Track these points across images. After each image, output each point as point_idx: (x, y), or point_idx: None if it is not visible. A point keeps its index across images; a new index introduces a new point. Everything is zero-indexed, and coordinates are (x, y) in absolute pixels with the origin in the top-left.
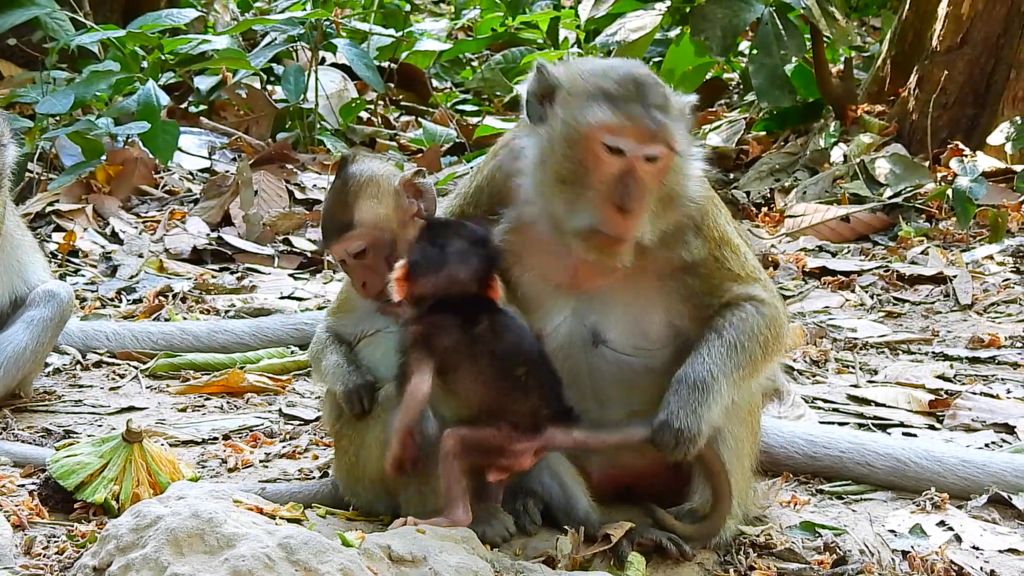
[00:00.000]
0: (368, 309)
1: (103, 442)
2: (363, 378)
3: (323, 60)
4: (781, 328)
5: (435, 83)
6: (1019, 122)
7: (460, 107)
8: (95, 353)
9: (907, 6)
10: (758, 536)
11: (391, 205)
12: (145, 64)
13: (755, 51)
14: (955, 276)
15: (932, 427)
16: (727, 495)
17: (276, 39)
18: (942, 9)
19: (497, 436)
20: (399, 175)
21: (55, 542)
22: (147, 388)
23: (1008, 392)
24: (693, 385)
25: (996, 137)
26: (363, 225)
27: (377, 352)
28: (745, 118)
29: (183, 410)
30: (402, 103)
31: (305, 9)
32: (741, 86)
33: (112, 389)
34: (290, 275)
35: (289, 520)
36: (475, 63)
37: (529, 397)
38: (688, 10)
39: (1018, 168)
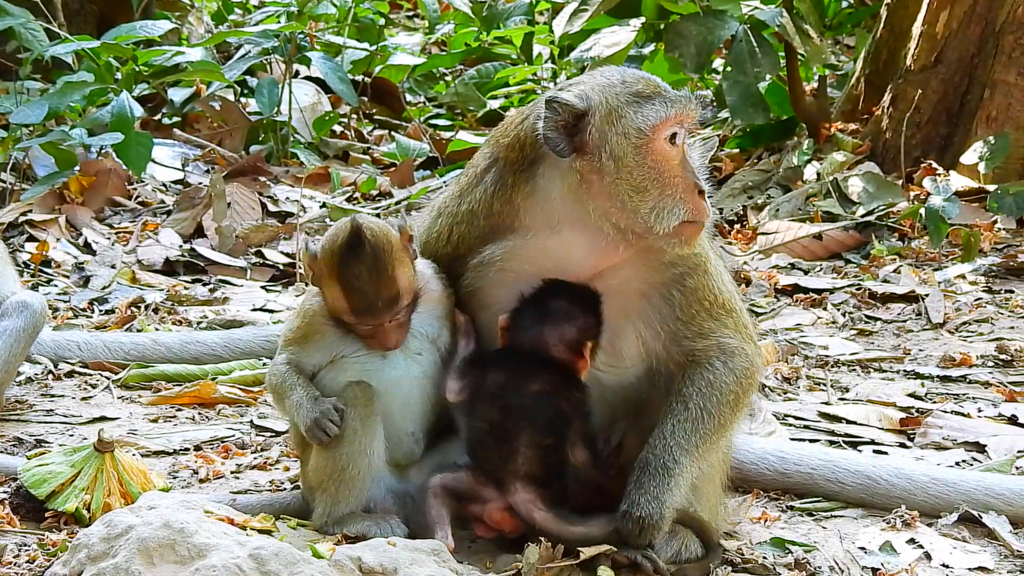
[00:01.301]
0: (333, 336)
1: (75, 451)
2: (324, 406)
3: (297, 73)
4: (754, 375)
5: (409, 97)
6: (992, 142)
7: (433, 121)
8: (67, 363)
9: (882, 25)
10: (728, 554)
11: (408, 261)
12: (119, 75)
13: (729, 68)
14: (927, 295)
15: (903, 445)
16: (716, 544)
17: (250, 52)
18: (916, 28)
19: (471, 483)
20: (395, 229)
21: (26, 551)
22: (119, 398)
23: (979, 411)
24: (655, 471)
25: (969, 156)
26: (406, 291)
27: (340, 377)
28: (718, 135)
29: (155, 421)
30: (375, 117)
31: (279, 22)
32: (715, 103)
33: (84, 399)
34: (262, 287)
35: (260, 531)
36: (448, 78)
37: (519, 462)
38: (663, 27)
39: (991, 188)
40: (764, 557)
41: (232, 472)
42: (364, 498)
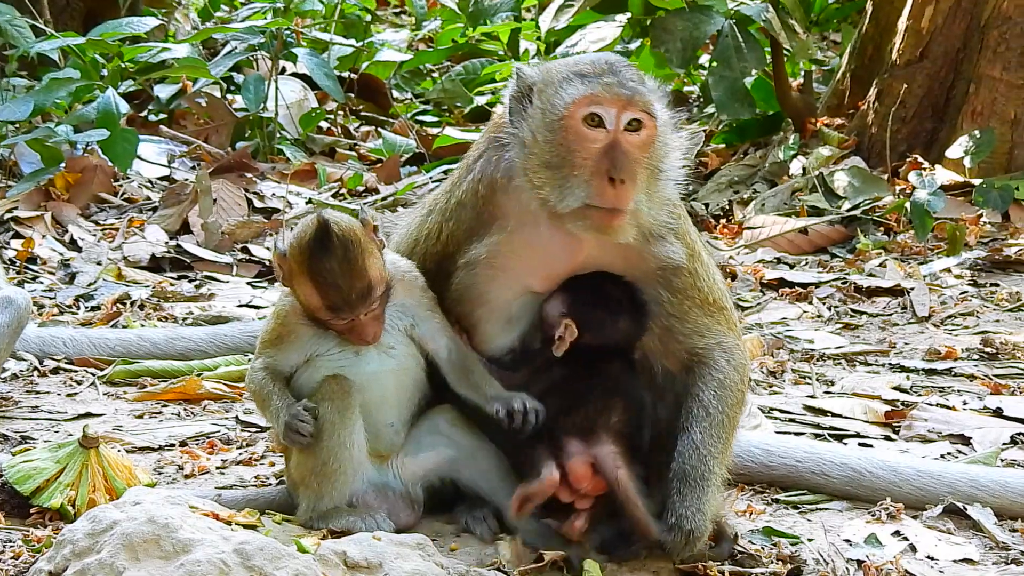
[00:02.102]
0: (308, 336)
1: (60, 447)
2: (293, 409)
3: (283, 70)
4: (748, 372)
5: (395, 94)
6: (978, 136)
7: (420, 118)
8: (52, 359)
9: (867, 20)
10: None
11: (376, 252)
12: (105, 72)
13: (715, 64)
14: (912, 288)
15: (888, 438)
16: (730, 536)
17: (236, 48)
18: (902, 23)
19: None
20: (360, 222)
21: (11, 547)
22: (104, 395)
23: (964, 404)
24: (695, 482)
25: (955, 151)
26: (377, 282)
27: (316, 376)
28: (704, 130)
29: (140, 416)
30: (362, 113)
31: (266, 18)
32: (701, 99)
33: (69, 395)
34: (248, 283)
35: (245, 526)
36: (435, 74)
37: (612, 418)
38: (648, 22)
39: (976, 182)
40: (752, 546)
41: (217, 468)
42: (347, 492)
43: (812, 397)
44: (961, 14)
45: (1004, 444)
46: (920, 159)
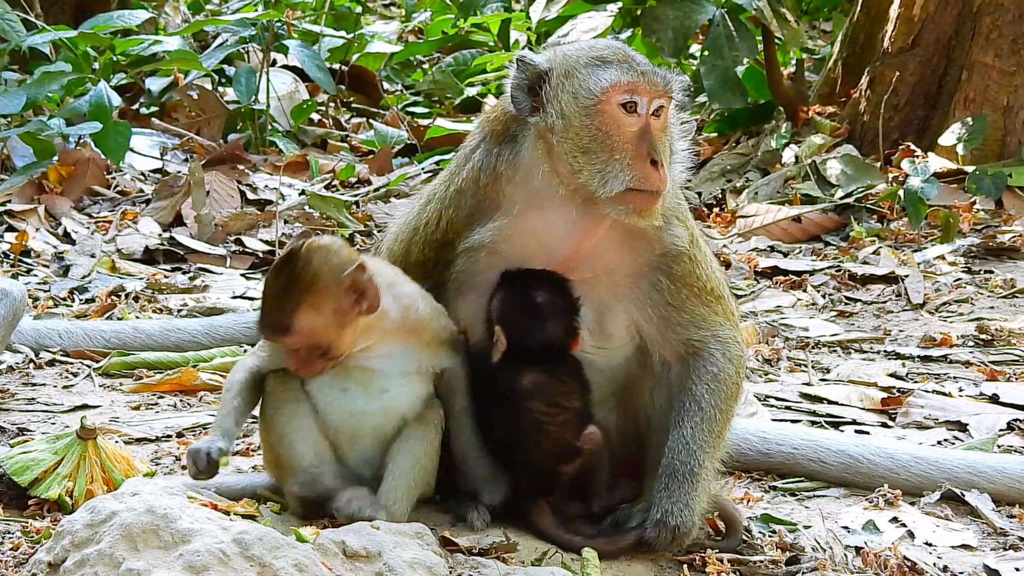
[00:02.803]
0: None
1: (57, 439)
2: (204, 444)
3: (274, 62)
4: (744, 362)
5: (386, 86)
6: (970, 123)
7: (411, 109)
8: (48, 351)
9: (858, 8)
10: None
11: (331, 310)
12: (97, 65)
13: (706, 53)
14: (907, 276)
15: (885, 425)
16: (740, 528)
17: (227, 40)
18: (893, 11)
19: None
20: (345, 272)
21: (10, 538)
22: (100, 386)
23: (960, 390)
24: (683, 478)
25: (947, 138)
26: (299, 333)
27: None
28: (696, 120)
29: (136, 408)
30: (353, 105)
31: (257, 10)
32: (692, 88)
33: (65, 387)
34: (242, 275)
35: (244, 516)
36: (426, 66)
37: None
38: (639, 12)
39: (969, 169)
40: (750, 533)
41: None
42: (302, 480)
43: (808, 384)
44: (953, 1)
45: (1001, 430)
46: (913, 147)
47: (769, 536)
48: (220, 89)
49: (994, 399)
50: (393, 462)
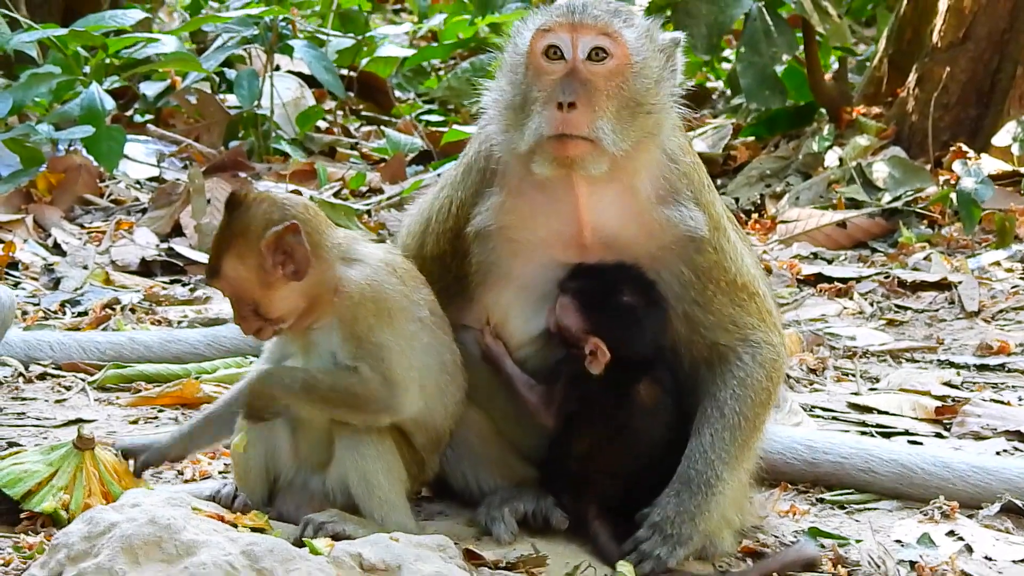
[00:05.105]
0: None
1: (52, 450)
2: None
3: (278, 67)
4: (781, 368)
5: (397, 94)
6: None
7: (424, 117)
8: (39, 364)
9: (905, 2)
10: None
11: (254, 265)
12: (88, 68)
13: (743, 49)
14: (960, 282)
15: (939, 435)
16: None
17: (229, 41)
18: (943, 3)
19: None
20: (273, 229)
21: (1, 554)
22: (95, 400)
23: (1020, 399)
24: (697, 488)
25: (1002, 138)
26: (225, 280)
27: None
28: (732, 123)
29: (135, 422)
30: (362, 113)
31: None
32: (728, 92)
33: (58, 401)
34: None
35: (252, 529)
36: (441, 72)
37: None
38: (671, 6)
39: None
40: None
41: (220, 472)
42: (253, 488)
43: (856, 394)
44: None
45: None
46: (965, 147)
47: (824, 551)
48: (220, 96)
49: None
50: (352, 485)
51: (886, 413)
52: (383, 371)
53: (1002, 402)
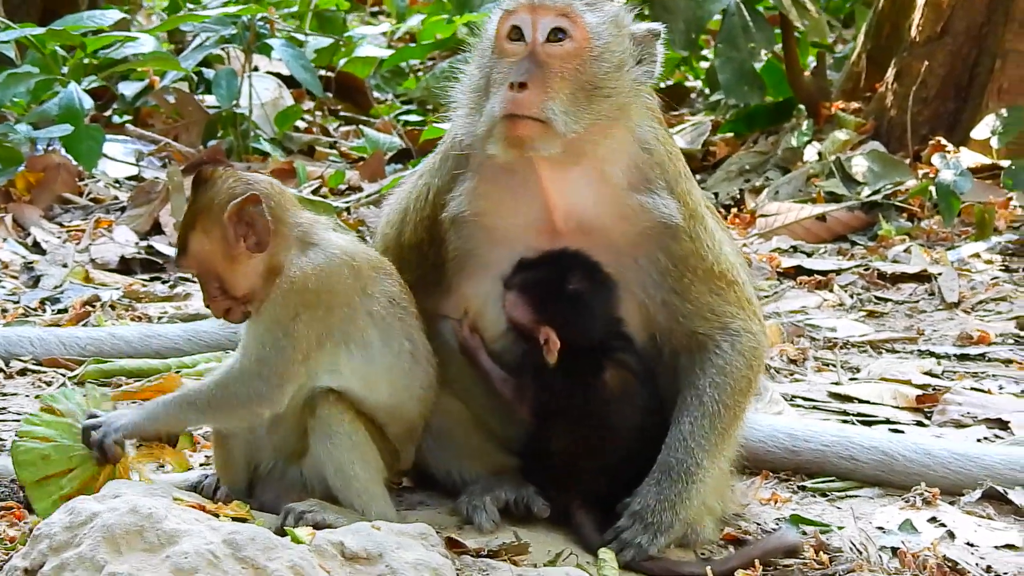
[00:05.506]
0: None
1: (74, 447)
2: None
3: (256, 68)
4: (761, 356)
5: (376, 95)
6: (1005, 115)
7: (403, 117)
8: (19, 360)
9: None
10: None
11: (218, 238)
12: (66, 69)
13: (721, 45)
14: (940, 274)
15: (920, 423)
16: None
17: (207, 40)
18: None
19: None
20: (235, 200)
21: None
22: None
23: (1000, 388)
24: (677, 476)
25: (981, 131)
26: (192, 256)
27: None
28: (711, 120)
29: None
30: (341, 113)
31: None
32: (706, 91)
33: (38, 397)
34: None
35: (234, 519)
36: (419, 72)
37: None
38: (648, 2)
39: (1005, 163)
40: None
41: (201, 464)
42: (235, 479)
43: (837, 384)
44: None
45: None
46: (943, 141)
47: (806, 537)
48: (199, 96)
49: None
50: (329, 477)
51: (867, 402)
52: (272, 363)
53: (982, 390)
